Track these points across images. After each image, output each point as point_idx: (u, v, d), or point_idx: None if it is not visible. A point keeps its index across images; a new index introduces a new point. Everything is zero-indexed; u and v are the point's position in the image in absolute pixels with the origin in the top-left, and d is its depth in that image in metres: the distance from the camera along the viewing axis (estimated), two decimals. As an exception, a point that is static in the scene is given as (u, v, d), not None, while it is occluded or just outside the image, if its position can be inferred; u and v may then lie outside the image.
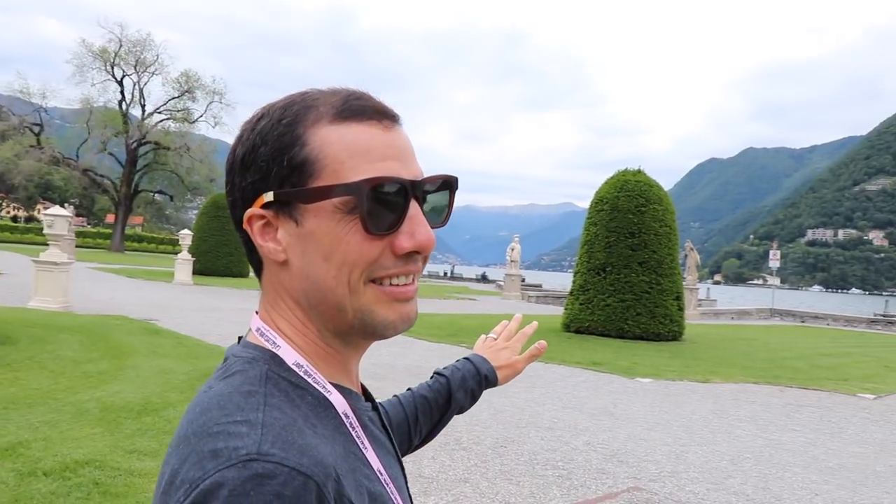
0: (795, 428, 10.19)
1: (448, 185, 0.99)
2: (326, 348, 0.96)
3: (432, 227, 0.94)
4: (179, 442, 0.82)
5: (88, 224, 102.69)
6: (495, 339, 1.73)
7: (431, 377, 1.60)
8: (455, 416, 1.57)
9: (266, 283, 0.98)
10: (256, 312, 1.00)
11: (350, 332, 0.95)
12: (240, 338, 1.01)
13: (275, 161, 0.90)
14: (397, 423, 1.45)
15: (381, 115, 0.93)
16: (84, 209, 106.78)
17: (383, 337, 0.95)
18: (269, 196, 0.90)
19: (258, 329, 0.97)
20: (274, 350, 0.93)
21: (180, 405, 8.35)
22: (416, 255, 0.93)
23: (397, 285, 0.93)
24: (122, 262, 48.17)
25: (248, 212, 0.92)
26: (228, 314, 19.97)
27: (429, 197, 0.95)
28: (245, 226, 0.93)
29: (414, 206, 0.92)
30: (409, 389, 1.57)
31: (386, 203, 0.89)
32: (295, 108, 0.92)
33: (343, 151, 0.89)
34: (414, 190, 0.92)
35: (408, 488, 1.06)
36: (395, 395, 1.54)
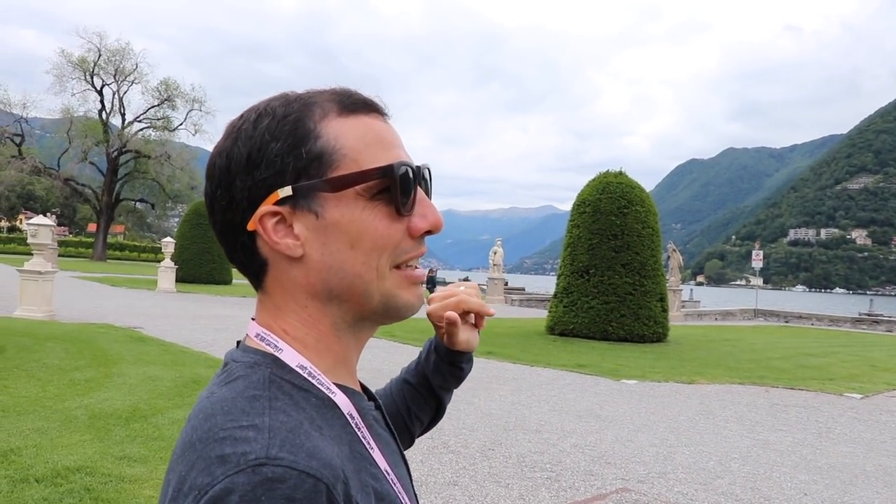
0: (782, 428, 10.21)
1: (429, 172, 1.03)
2: (336, 342, 0.97)
3: None
4: (185, 449, 0.81)
5: (70, 233, 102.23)
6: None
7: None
8: (442, 420, 1.51)
9: (272, 284, 0.96)
10: (253, 318, 1.00)
11: (370, 318, 0.98)
12: (238, 342, 1.00)
13: (290, 155, 0.90)
14: (392, 415, 1.41)
15: (376, 108, 0.98)
16: (66, 218, 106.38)
17: (401, 318, 0.99)
18: (285, 191, 0.90)
19: (258, 334, 0.96)
20: (276, 353, 0.92)
21: (168, 412, 8.37)
22: (424, 238, 0.98)
23: (414, 268, 0.98)
24: (105, 270, 48.04)
25: (262, 209, 0.90)
26: (213, 321, 19.96)
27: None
28: (255, 226, 0.91)
29: (419, 190, 0.97)
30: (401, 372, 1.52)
31: (403, 187, 0.93)
32: (296, 106, 0.93)
33: (358, 141, 0.92)
34: (418, 175, 0.97)
35: (413, 487, 1.08)
36: (387, 385, 1.50)
